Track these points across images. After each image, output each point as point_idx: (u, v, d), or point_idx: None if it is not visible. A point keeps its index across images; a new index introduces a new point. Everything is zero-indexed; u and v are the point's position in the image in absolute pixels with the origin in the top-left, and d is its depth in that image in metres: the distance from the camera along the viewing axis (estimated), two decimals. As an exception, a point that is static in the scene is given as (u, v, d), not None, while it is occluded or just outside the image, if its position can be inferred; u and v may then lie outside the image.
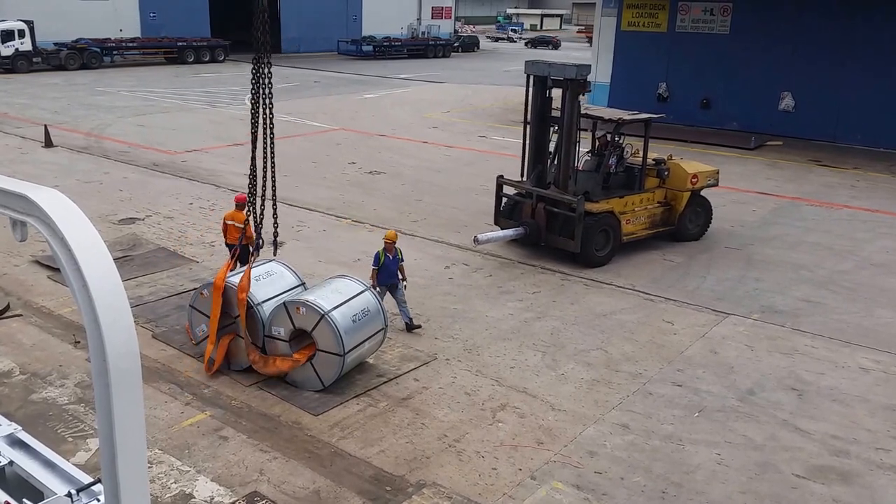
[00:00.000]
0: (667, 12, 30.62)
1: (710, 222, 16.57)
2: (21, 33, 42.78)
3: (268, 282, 10.39)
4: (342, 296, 9.92)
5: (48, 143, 23.89)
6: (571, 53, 66.95)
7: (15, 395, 9.57)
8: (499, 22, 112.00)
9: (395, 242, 11.62)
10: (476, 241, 14.14)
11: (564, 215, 14.46)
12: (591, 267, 14.44)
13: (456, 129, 29.45)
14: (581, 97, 14.39)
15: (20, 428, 3.54)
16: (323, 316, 9.48)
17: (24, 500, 3.11)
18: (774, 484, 8.29)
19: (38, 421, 8.86)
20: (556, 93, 14.95)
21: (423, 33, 67.68)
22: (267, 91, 9.56)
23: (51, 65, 44.26)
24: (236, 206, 12.54)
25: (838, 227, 17.85)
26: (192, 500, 7.72)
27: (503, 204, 15.81)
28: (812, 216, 18.70)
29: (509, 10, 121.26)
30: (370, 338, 10.05)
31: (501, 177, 15.89)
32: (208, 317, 10.28)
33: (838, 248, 16.28)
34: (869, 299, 13.55)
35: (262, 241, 10.54)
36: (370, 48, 59.93)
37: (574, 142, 14.41)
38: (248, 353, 9.96)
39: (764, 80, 28.77)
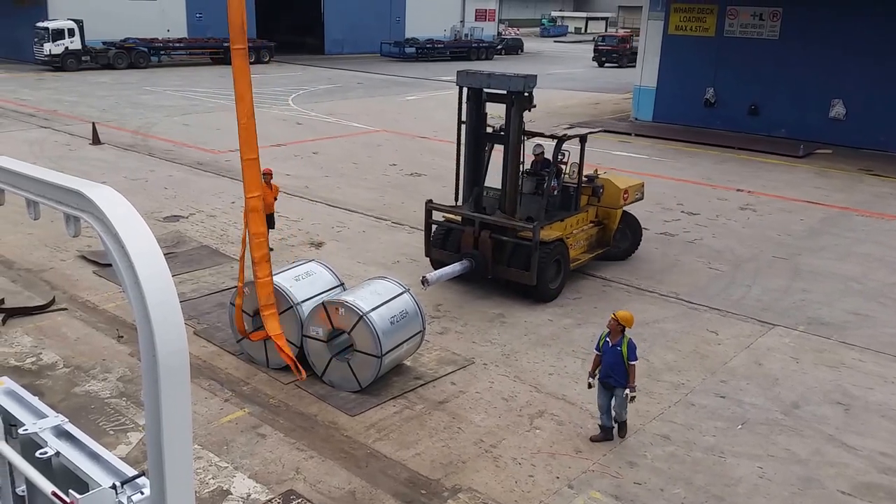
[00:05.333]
0: (715, 17, 30.14)
1: (640, 240, 15.30)
2: (71, 32, 43.72)
3: (307, 282, 10.45)
4: (381, 297, 9.92)
5: (96, 140, 24.32)
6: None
7: (58, 387, 9.74)
8: (543, 25, 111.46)
9: (624, 327, 8.68)
10: (425, 282, 11.88)
11: (514, 244, 12.81)
12: (545, 302, 12.88)
13: (497, 133, 29.28)
14: (526, 112, 12.77)
15: (67, 419, 3.57)
16: (361, 317, 9.48)
17: (70, 490, 3.14)
18: (818, 500, 8.09)
19: (81, 413, 8.99)
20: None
21: (466, 35, 67.58)
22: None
23: (99, 63, 45.14)
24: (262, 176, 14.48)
25: (889, 238, 17.40)
26: (230, 496, 7.78)
27: (433, 232, 13.85)
28: (862, 227, 18.27)
29: (554, 13, 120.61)
30: (408, 340, 10.04)
31: (431, 202, 13.82)
32: (249, 315, 10.35)
33: (889, 259, 15.87)
34: (920, 313, 13.20)
35: None
36: (413, 50, 60.09)
37: (520, 162, 12.95)
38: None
39: (814, 86, 28.18)
